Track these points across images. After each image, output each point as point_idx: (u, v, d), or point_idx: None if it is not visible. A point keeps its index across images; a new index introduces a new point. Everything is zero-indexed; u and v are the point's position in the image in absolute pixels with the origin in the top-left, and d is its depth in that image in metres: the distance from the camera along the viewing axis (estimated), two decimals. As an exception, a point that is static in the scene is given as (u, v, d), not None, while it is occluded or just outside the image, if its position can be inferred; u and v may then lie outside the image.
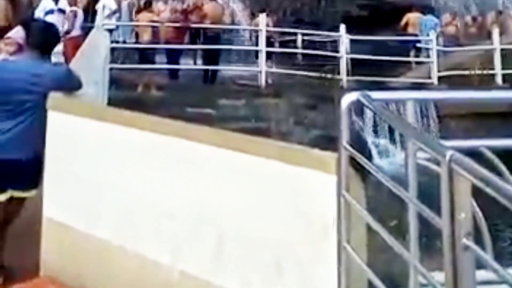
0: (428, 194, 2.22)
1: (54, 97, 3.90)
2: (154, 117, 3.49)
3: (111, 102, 7.90)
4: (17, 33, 5.65)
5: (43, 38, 4.25)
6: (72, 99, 4.08)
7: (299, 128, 9.09)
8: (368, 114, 9.79)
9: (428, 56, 13.43)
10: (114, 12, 12.64)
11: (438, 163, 1.97)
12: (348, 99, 2.79)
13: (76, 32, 11.01)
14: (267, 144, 2.96)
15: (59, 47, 8.92)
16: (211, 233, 3.01)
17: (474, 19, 17.14)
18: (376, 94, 2.90)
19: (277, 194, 2.79)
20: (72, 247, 3.65)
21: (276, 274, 2.72)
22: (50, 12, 11.09)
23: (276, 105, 9.85)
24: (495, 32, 13.69)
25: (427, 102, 9.08)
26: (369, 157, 9.36)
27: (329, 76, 11.60)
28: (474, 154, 2.74)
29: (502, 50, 13.06)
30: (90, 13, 12.77)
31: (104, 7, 12.71)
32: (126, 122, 3.50)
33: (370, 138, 9.99)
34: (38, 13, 11.00)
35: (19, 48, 5.27)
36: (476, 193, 1.82)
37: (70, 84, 4.08)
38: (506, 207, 1.58)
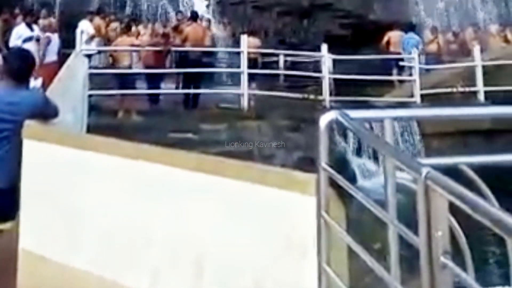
0: (408, 214, 2.24)
1: (29, 125, 3.88)
2: (130, 143, 3.49)
3: (91, 129, 7.91)
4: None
5: (18, 65, 4.23)
6: (48, 127, 4.07)
7: (281, 150, 9.13)
8: (351, 134, 9.87)
9: (410, 75, 13.59)
10: (92, 37, 12.68)
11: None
12: (326, 118, 2.80)
13: (51, 58, 11.02)
14: (244, 167, 2.97)
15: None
16: (190, 257, 2.99)
17: (455, 35, 17.38)
18: (354, 113, 2.92)
19: (256, 216, 2.79)
20: (50, 280, 3.60)
21: (256, 297, 2.71)
22: (28, 39, 11.11)
23: (258, 127, 9.89)
24: (476, 49, 13.93)
25: (410, 120, 9.17)
26: (353, 178, 9.41)
27: (311, 96, 11.70)
28: (453, 171, 2.79)
29: (483, 66, 13.27)
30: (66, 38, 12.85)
31: (82, 32, 12.72)
32: (102, 149, 3.49)
33: (353, 159, 10.04)
34: (15, 41, 10.99)
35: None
36: (456, 211, 1.84)
37: (47, 112, 4.07)
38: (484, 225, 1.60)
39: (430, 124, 10.07)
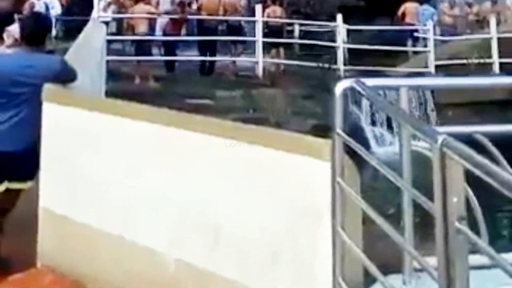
0: (423, 181, 2.22)
1: (48, 88, 3.88)
2: (149, 107, 3.48)
3: (108, 94, 7.90)
4: (15, 27, 5.67)
5: (32, 29, 4.23)
6: (67, 90, 4.06)
7: (296, 117, 9.09)
8: (365, 103, 9.79)
9: (425, 46, 13.40)
10: (109, 4, 12.57)
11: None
12: (342, 85, 2.78)
13: None
14: (259, 131, 2.96)
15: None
16: (207, 222, 3.01)
17: (471, 7, 17.10)
18: (370, 81, 2.89)
19: (272, 182, 2.79)
20: (69, 238, 3.65)
21: (272, 261, 2.72)
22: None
23: (273, 95, 9.84)
24: (492, 21, 13.67)
25: (425, 90, 9.06)
26: (367, 146, 9.37)
27: (326, 66, 11.59)
28: (469, 141, 2.75)
29: (499, 39, 13.03)
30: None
31: (99, -1, 12.62)
32: (122, 112, 3.49)
33: (367, 127, 9.98)
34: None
35: (16, 42, 5.29)
36: (472, 180, 1.82)
37: (65, 75, 4.04)
38: (500, 192, 1.57)
39: (444, 94, 9.95)
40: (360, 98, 8.99)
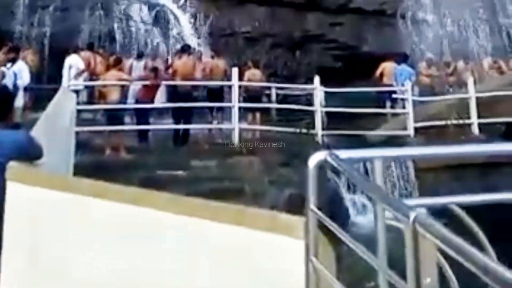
0: (401, 255, 2.25)
1: (12, 166, 3.87)
2: (114, 185, 3.48)
3: (77, 168, 7.88)
4: None
5: None
6: (32, 168, 4.05)
7: (272, 187, 9.12)
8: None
9: (404, 107, 13.70)
10: (82, 72, 12.72)
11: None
12: (315, 159, 2.79)
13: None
14: (229, 209, 2.98)
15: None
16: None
17: (448, 67, 17.66)
18: (344, 153, 2.94)
19: (244, 260, 2.78)
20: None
21: None
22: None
23: (250, 163, 9.91)
24: (470, 81, 14.11)
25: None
26: (347, 216, 9.40)
27: (304, 131, 11.75)
28: (445, 211, 2.81)
29: (477, 98, 13.41)
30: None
31: (70, 66, 12.79)
32: (87, 191, 3.49)
33: (347, 196, 10.05)
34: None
35: None
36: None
37: (30, 152, 4.02)
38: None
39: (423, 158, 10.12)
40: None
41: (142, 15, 17.72)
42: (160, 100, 12.29)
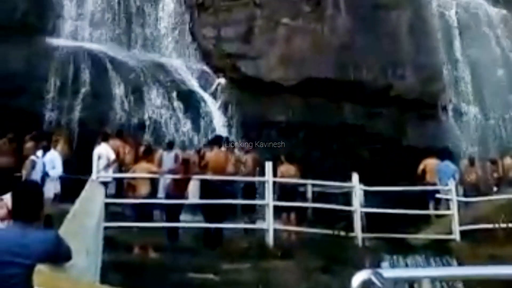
0: None
1: (40, 271, 3.84)
2: None
3: (105, 268, 8.01)
4: (9, 197, 5.76)
5: (24, 205, 4.19)
6: (60, 273, 4.05)
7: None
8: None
9: (448, 208, 13.67)
10: (112, 163, 12.97)
11: None
12: (359, 278, 2.85)
13: None
14: None
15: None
16: None
17: (494, 164, 17.56)
18: (389, 272, 3.01)
19: None
20: None
21: None
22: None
23: (285, 268, 9.91)
24: (518, 179, 14.08)
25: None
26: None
27: (342, 233, 11.76)
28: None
29: (527, 199, 13.32)
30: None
31: (100, 156, 13.03)
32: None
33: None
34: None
35: (10, 214, 5.36)
36: None
37: (59, 255, 4.04)
38: None
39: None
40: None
41: (173, 102, 18.29)
42: (192, 195, 12.47)
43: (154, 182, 12.55)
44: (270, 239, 11.33)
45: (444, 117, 21.04)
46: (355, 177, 13.15)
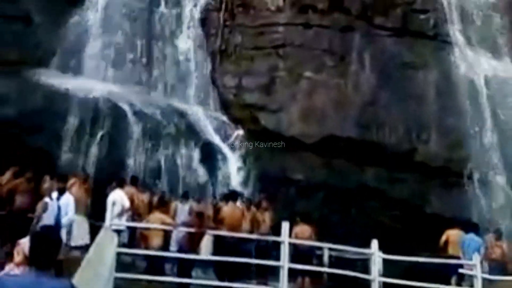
0: None
1: None
2: None
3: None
4: (26, 241, 5.85)
5: (40, 252, 4.27)
6: None
7: None
8: None
9: (471, 285, 13.53)
10: (126, 211, 13.11)
11: None
12: None
13: None
14: None
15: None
16: None
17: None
18: None
19: None
20: None
21: None
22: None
23: None
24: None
25: None
26: None
27: (359, 303, 11.73)
28: None
29: None
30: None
31: (114, 203, 13.19)
32: None
33: None
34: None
35: (26, 260, 5.47)
36: None
37: None
38: None
39: None
40: None
41: (190, 151, 18.51)
42: (205, 251, 12.55)
43: (167, 234, 12.65)
44: (284, 303, 11.37)
45: (470, 186, 21.00)
46: (374, 243, 13.12)
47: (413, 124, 21.36)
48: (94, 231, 9.99)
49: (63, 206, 11.73)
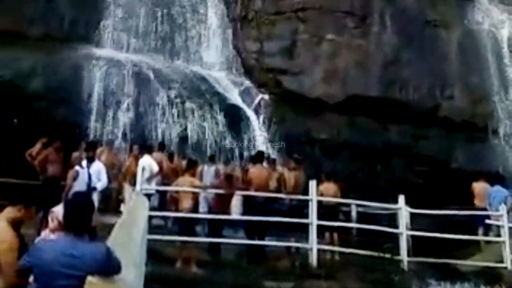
0: None
1: (91, 282, 3.89)
2: None
3: (149, 281, 8.22)
4: (60, 209, 5.91)
5: (75, 217, 4.39)
6: (111, 285, 4.08)
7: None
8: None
9: (499, 235, 13.52)
10: (155, 175, 13.29)
11: None
12: None
13: None
14: None
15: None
16: None
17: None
18: None
19: None
20: None
21: None
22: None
23: (328, 289, 9.99)
24: None
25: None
26: None
27: (387, 256, 11.76)
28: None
29: None
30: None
31: (144, 169, 13.36)
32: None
33: None
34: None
35: (60, 225, 5.55)
36: None
37: (109, 267, 4.14)
38: None
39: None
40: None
41: (216, 116, 18.55)
42: (235, 211, 12.64)
43: (197, 197, 12.74)
44: (313, 258, 11.44)
45: (495, 140, 20.85)
46: (401, 198, 13.10)
47: (437, 81, 21.19)
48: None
49: (94, 174, 11.86)
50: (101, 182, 11.98)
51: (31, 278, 4.68)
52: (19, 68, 17.35)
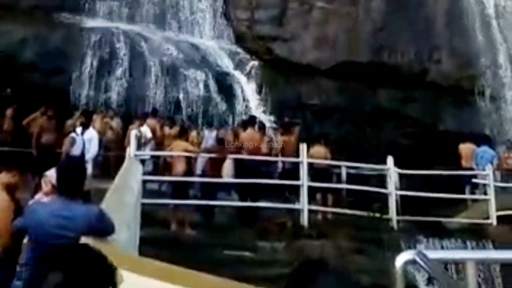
0: None
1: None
2: (186, 270, 3.59)
3: (144, 243, 8.20)
4: (53, 173, 5.90)
5: (68, 179, 4.42)
6: (103, 245, 4.16)
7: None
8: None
9: (485, 193, 13.60)
10: (149, 141, 13.24)
11: None
12: (403, 258, 2.90)
13: None
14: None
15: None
16: None
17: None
18: (433, 254, 3.05)
19: None
20: None
21: None
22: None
23: (320, 247, 10.02)
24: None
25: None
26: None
27: (377, 215, 11.82)
28: None
29: None
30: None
31: (137, 135, 13.29)
32: (156, 274, 3.61)
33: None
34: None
35: (54, 189, 5.53)
36: None
37: (102, 229, 4.17)
38: None
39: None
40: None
41: (208, 83, 18.45)
42: (227, 175, 12.63)
43: (190, 162, 12.71)
44: (305, 219, 11.47)
45: (482, 102, 20.85)
46: (390, 159, 13.13)
47: (424, 46, 21.11)
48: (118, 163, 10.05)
49: (87, 141, 11.79)
50: (90, 153, 11.88)
51: (25, 239, 4.67)
52: (10, 39, 17.16)
